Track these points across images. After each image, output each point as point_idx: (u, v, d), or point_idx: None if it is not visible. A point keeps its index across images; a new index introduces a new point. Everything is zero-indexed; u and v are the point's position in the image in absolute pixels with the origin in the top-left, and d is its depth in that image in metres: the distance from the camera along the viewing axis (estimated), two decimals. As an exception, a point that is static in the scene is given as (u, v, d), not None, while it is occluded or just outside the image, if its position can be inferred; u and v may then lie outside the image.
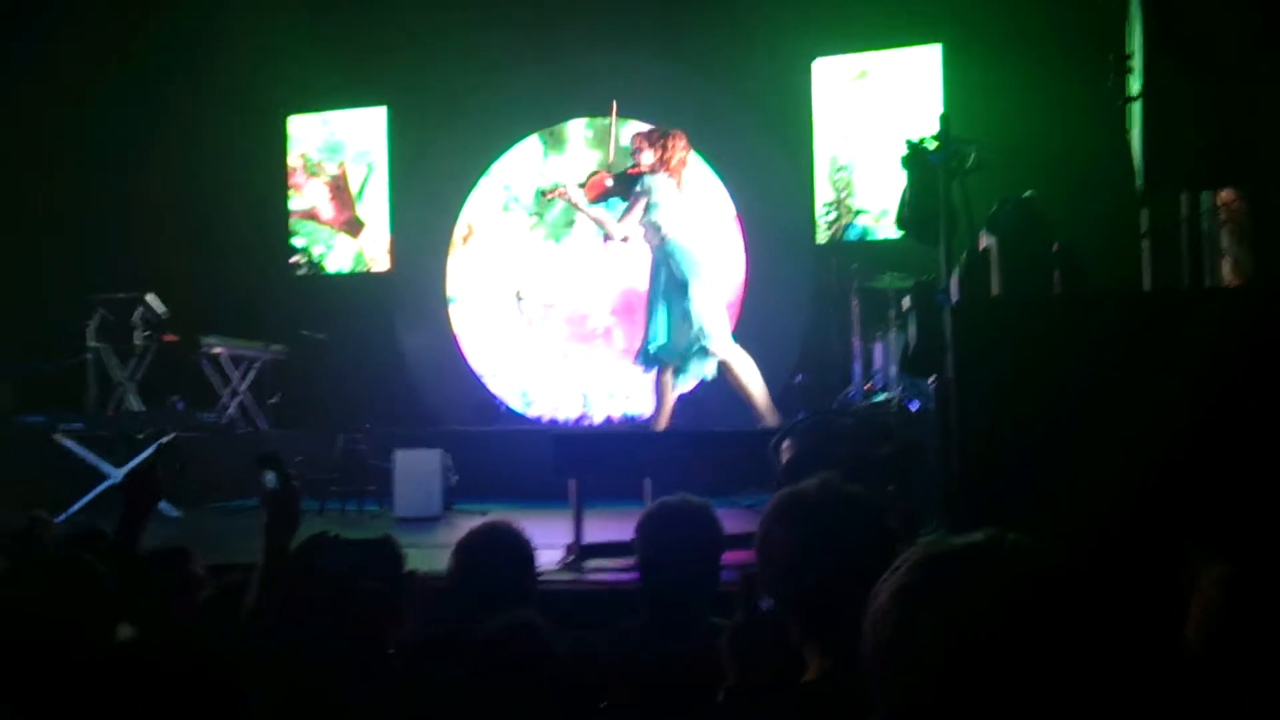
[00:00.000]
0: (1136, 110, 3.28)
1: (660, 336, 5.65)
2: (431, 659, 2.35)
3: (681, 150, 5.81)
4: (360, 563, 2.22)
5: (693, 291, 5.58)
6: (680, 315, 5.59)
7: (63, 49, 8.50)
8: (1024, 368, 3.02)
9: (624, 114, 8.73)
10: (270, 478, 2.30)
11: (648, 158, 5.76)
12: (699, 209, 5.85)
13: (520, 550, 2.79)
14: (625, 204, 5.76)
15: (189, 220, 8.96)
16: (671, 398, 5.71)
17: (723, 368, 5.58)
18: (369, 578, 2.19)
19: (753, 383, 5.57)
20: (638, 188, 5.70)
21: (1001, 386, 3.04)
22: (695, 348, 5.58)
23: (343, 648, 2.00)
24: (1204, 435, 2.77)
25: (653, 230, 5.72)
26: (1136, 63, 3.26)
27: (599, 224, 5.87)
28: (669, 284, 5.66)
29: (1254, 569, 1.76)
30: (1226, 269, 3.76)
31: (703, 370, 5.66)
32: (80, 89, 8.67)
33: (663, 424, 5.69)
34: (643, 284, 8.38)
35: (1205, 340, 2.87)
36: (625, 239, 5.80)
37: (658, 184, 5.68)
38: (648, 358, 5.73)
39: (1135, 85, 3.28)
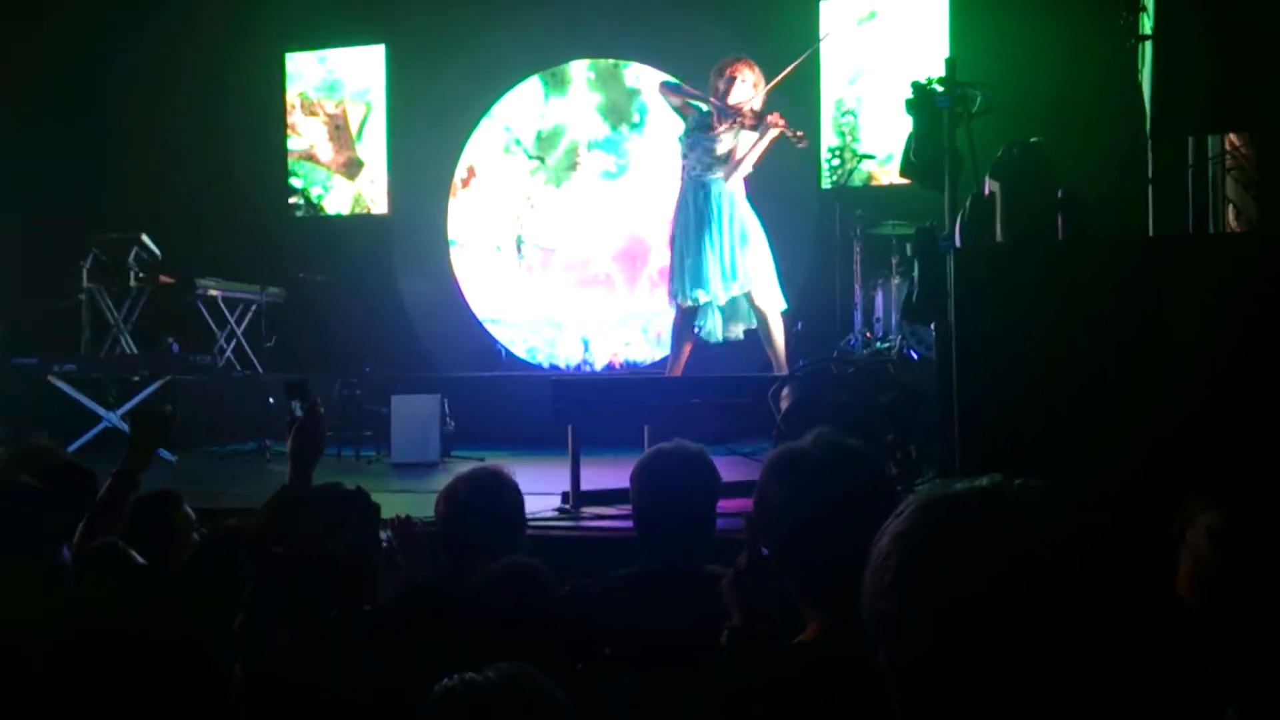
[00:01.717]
0: (1148, 51, 3.21)
1: (710, 277, 5.49)
2: (425, 605, 2.34)
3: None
4: (333, 519, 2.18)
5: (755, 238, 5.49)
6: (735, 261, 5.47)
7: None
8: (1026, 315, 2.99)
9: (628, 57, 8.65)
10: (296, 406, 2.33)
11: (747, 91, 5.57)
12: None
13: (507, 497, 2.76)
14: (755, 138, 5.54)
15: (185, 160, 8.87)
16: (688, 346, 5.66)
17: (761, 320, 5.51)
18: (343, 535, 2.15)
19: (780, 338, 5.53)
20: (767, 122, 5.51)
21: (1003, 334, 3.01)
22: (740, 299, 5.49)
23: (319, 605, 1.97)
24: (1206, 384, 2.74)
25: (730, 167, 5.58)
26: (1149, 1, 3.18)
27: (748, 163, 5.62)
28: (731, 226, 5.51)
29: (1246, 516, 1.74)
30: (1231, 216, 3.72)
31: (736, 329, 5.61)
32: (76, 25, 8.55)
33: (677, 372, 5.64)
34: (645, 229, 8.39)
35: (1209, 287, 2.84)
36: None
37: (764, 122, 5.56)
38: (687, 294, 5.58)
39: (1147, 25, 3.21)
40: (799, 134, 5.52)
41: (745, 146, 5.59)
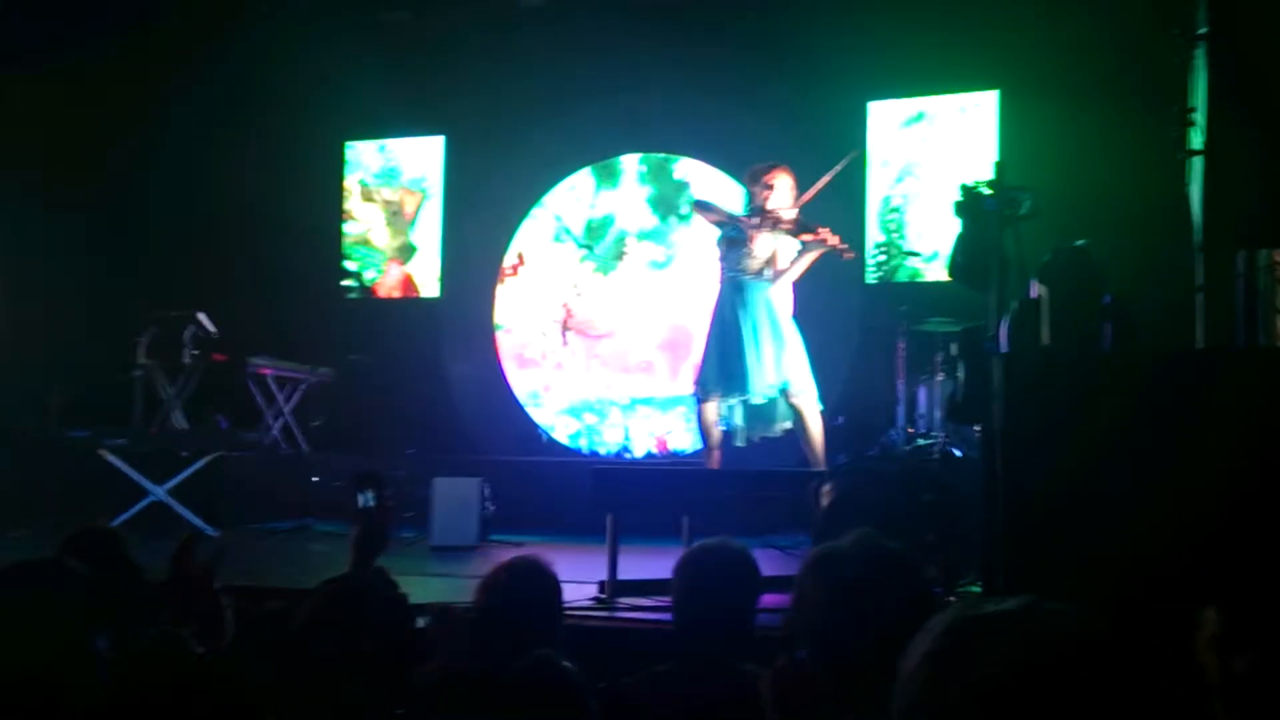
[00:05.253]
0: (1197, 165, 3.23)
1: (752, 376, 5.48)
2: (459, 696, 2.33)
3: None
4: (369, 615, 2.16)
5: (790, 338, 5.52)
6: (772, 359, 5.49)
7: (127, 67, 8.70)
8: (1071, 421, 2.97)
9: (679, 152, 8.83)
10: (368, 497, 2.35)
11: (785, 196, 5.63)
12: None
13: (546, 588, 2.75)
14: (798, 247, 5.59)
15: (244, 240, 9.08)
16: (718, 435, 5.65)
17: (798, 418, 5.51)
18: (374, 637, 2.14)
19: (819, 435, 5.51)
20: (818, 237, 5.49)
21: (1047, 439, 2.99)
22: (777, 397, 5.50)
23: (351, 703, 1.96)
24: (1257, 499, 2.70)
25: (766, 267, 5.64)
26: (1199, 117, 3.21)
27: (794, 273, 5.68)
28: (769, 325, 5.55)
29: (1234, 624, 1.69)
30: (1283, 328, 3.68)
31: (775, 428, 5.61)
32: (143, 108, 8.86)
33: (714, 463, 5.63)
34: (688, 319, 8.45)
35: (1258, 401, 2.81)
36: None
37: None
38: (714, 388, 5.59)
39: (1197, 139, 3.23)
40: (846, 247, 5.55)
41: (787, 251, 5.63)
